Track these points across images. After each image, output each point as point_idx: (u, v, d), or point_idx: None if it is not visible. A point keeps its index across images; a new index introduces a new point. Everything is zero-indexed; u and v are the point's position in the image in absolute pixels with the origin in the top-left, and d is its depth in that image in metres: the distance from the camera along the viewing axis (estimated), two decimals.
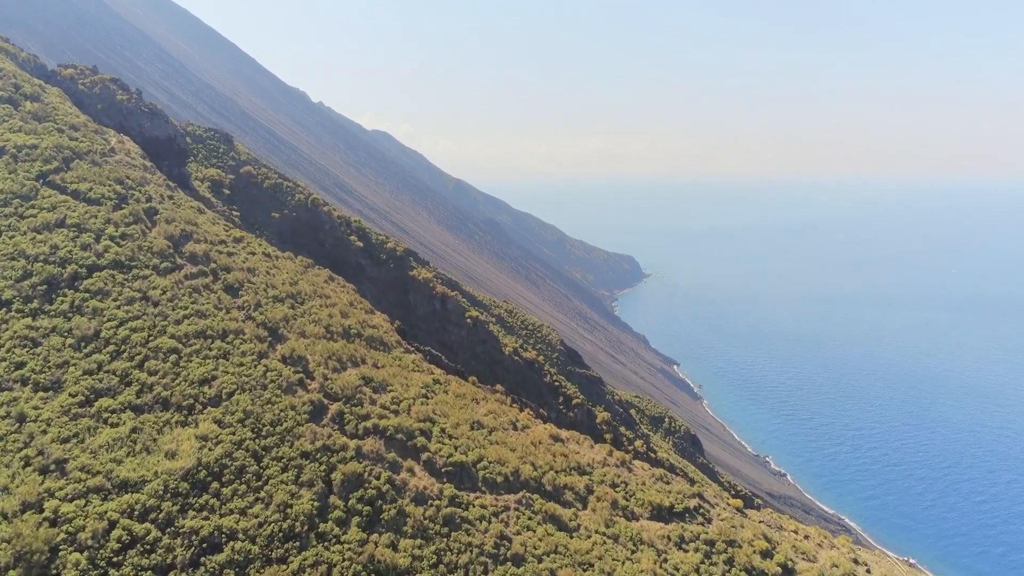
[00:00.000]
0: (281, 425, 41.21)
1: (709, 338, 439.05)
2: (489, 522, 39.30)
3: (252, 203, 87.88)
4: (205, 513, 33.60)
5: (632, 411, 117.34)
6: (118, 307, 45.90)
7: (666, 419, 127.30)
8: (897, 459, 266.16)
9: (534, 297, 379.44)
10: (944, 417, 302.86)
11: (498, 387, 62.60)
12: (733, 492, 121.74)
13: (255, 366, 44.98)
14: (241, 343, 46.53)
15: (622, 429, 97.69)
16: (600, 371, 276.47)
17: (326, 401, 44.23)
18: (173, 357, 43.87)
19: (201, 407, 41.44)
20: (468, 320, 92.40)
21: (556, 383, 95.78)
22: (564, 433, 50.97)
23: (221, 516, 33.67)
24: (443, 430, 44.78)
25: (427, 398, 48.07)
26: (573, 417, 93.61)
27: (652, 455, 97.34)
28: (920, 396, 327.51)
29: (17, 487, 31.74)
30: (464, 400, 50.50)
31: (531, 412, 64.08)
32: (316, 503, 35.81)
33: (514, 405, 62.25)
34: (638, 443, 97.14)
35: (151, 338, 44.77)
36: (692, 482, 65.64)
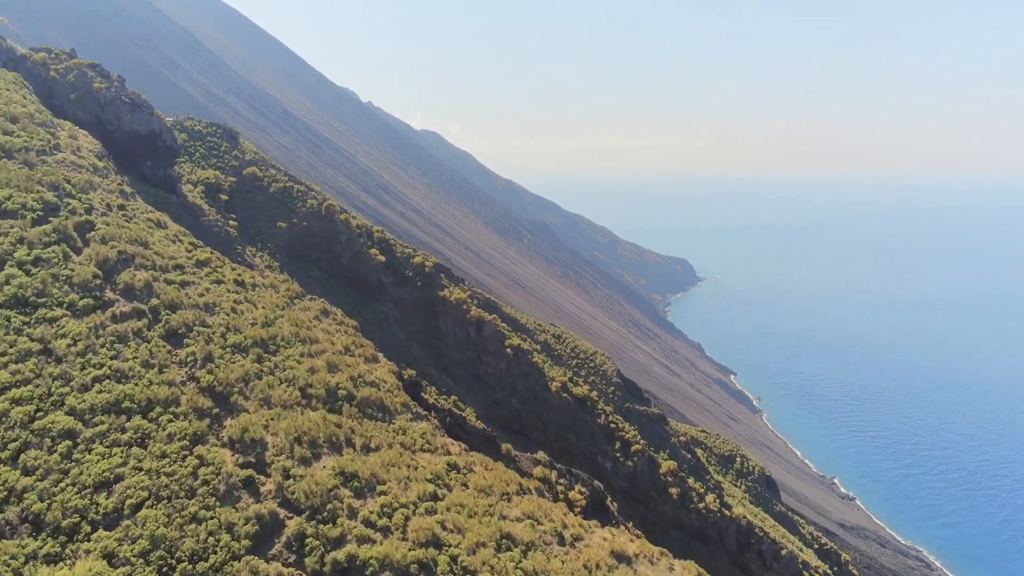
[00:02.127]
0: (206, 560, 26.97)
1: (766, 346, 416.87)
2: None
3: (255, 210, 74.67)
4: None
5: (699, 451, 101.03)
6: (3, 366, 32.42)
7: (737, 458, 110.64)
8: (975, 482, 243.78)
9: (585, 303, 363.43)
10: None
11: (540, 456, 47.43)
12: (817, 546, 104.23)
13: (184, 458, 30.85)
14: (170, 421, 32.49)
15: (690, 481, 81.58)
16: (654, 385, 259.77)
17: (282, 515, 29.83)
18: (64, 445, 30.07)
19: (90, 528, 27.51)
20: (508, 350, 77.53)
21: (612, 425, 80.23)
22: (631, 546, 35.59)
23: None
24: (455, 559, 29.89)
25: (436, 501, 33.23)
26: (632, 467, 77.94)
27: (727, 512, 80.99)
28: (1001, 412, 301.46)
29: None
30: (491, 497, 35.53)
31: (583, 489, 48.76)
32: None
33: (561, 481, 47.07)
34: (710, 498, 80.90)
35: (38, 414, 31.10)
36: None
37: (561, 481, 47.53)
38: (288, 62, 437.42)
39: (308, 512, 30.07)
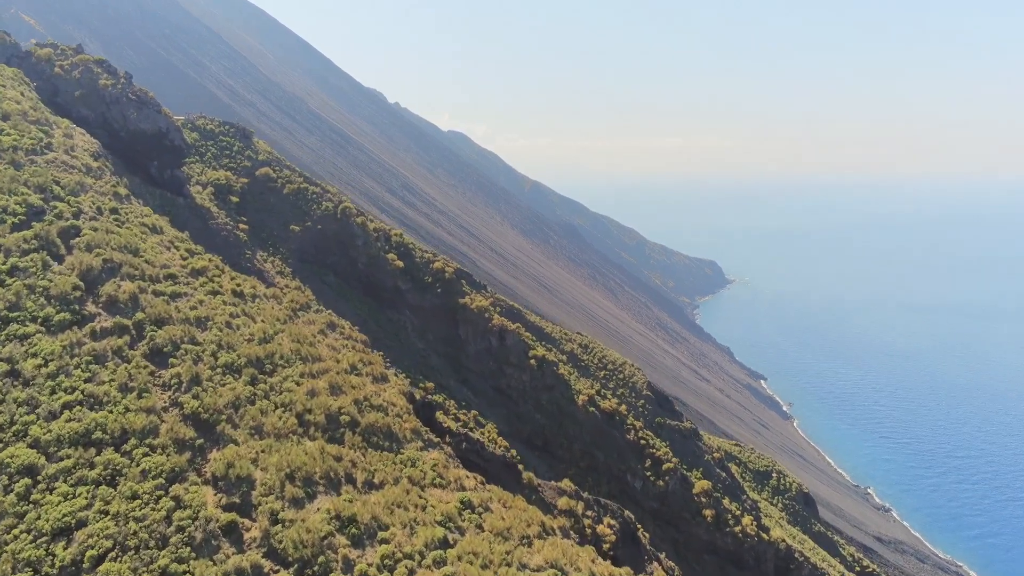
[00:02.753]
0: None
1: (797, 350, 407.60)
2: None
3: (267, 213, 71.15)
4: None
5: (734, 466, 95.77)
6: None
7: (773, 474, 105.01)
8: (1013, 492, 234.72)
9: (612, 306, 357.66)
10: None
11: (565, 484, 42.99)
12: (859, 568, 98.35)
13: (157, 500, 26.98)
14: (145, 455, 28.65)
15: (725, 502, 76.47)
16: (682, 390, 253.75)
17: (267, 567, 25.79)
18: (23, 484, 26.37)
19: None
20: (532, 361, 73.14)
21: (642, 441, 75.44)
22: None
23: None
24: None
25: (446, 548, 28.98)
26: (664, 487, 73.10)
27: (765, 535, 75.77)
28: None
29: None
30: (509, 542, 31.20)
31: (612, 521, 44.21)
32: None
33: (588, 514, 42.59)
34: (746, 520, 75.76)
35: None
36: None
37: (588, 513, 43.11)
38: (316, 63, 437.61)
39: (297, 565, 26.01)
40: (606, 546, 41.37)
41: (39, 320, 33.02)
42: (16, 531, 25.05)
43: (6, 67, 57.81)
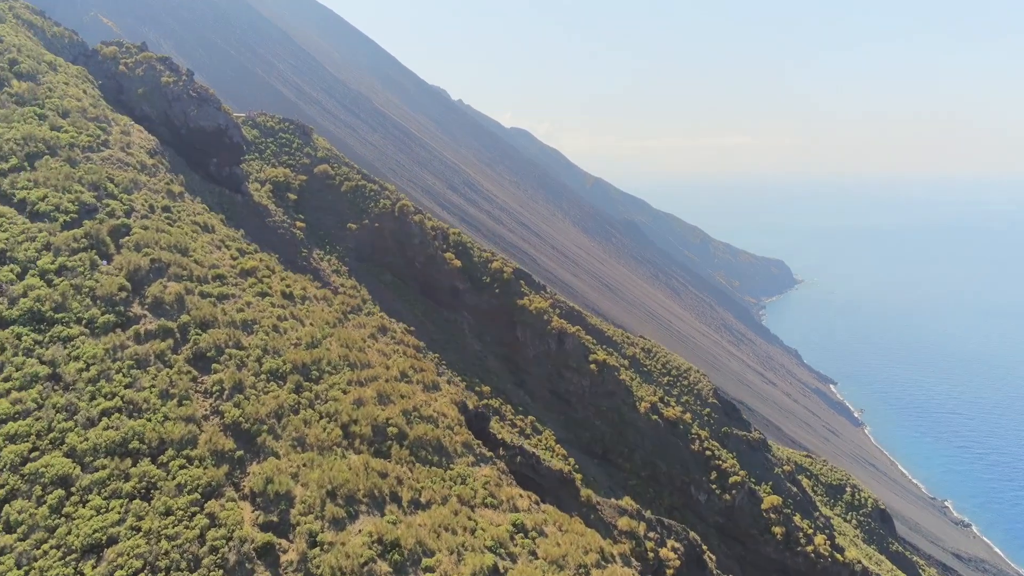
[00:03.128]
0: None
1: (869, 354, 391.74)
2: None
3: (324, 211, 70.25)
4: None
5: (804, 479, 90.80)
6: (4, 393, 28.05)
7: (847, 488, 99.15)
8: None
9: (675, 306, 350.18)
10: None
11: (626, 503, 40.14)
12: None
13: (191, 516, 25.50)
14: (182, 467, 27.24)
15: (796, 519, 72.02)
16: (747, 394, 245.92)
17: None
18: (56, 495, 25.25)
19: None
20: (592, 365, 70.24)
21: (708, 452, 71.69)
22: None
23: None
24: None
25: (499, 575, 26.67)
26: (730, 501, 69.28)
27: (839, 556, 71.07)
28: None
29: None
30: (564, 572, 28.67)
31: (677, 544, 41.19)
32: None
33: (651, 535, 39.67)
34: (819, 539, 71.24)
35: (33, 454, 26.47)
36: None
37: (651, 535, 40.15)
38: (381, 61, 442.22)
39: None
40: (670, 572, 38.41)
41: (83, 322, 32.13)
42: (46, 546, 23.89)
43: (71, 65, 58.25)
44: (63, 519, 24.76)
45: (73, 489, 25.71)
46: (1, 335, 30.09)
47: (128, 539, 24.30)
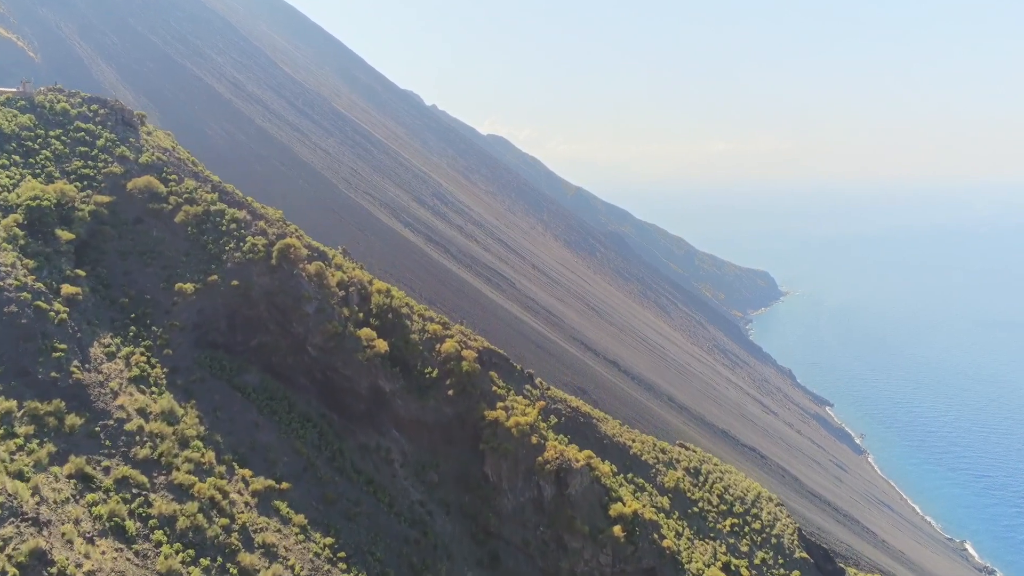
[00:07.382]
0: None
1: (860, 368, 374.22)
2: None
3: (139, 257, 39.28)
4: None
5: None
6: None
7: None
8: None
9: (665, 327, 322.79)
10: None
11: None
12: None
13: None
14: None
15: None
16: (750, 429, 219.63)
17: None
18: None
19: None
20: (616, 527, 39.87)
21: None
22: None
23: None
24: None
25: None
26: None
27: None
28: None
29: None
30: None
31: None
32: None
33: None
34: None
35: None
36: None
37: None
38: (350, 63, 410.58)
39: None
40: None
41: None
42: None
43: None
44: None
45: None
46: None
47: None
